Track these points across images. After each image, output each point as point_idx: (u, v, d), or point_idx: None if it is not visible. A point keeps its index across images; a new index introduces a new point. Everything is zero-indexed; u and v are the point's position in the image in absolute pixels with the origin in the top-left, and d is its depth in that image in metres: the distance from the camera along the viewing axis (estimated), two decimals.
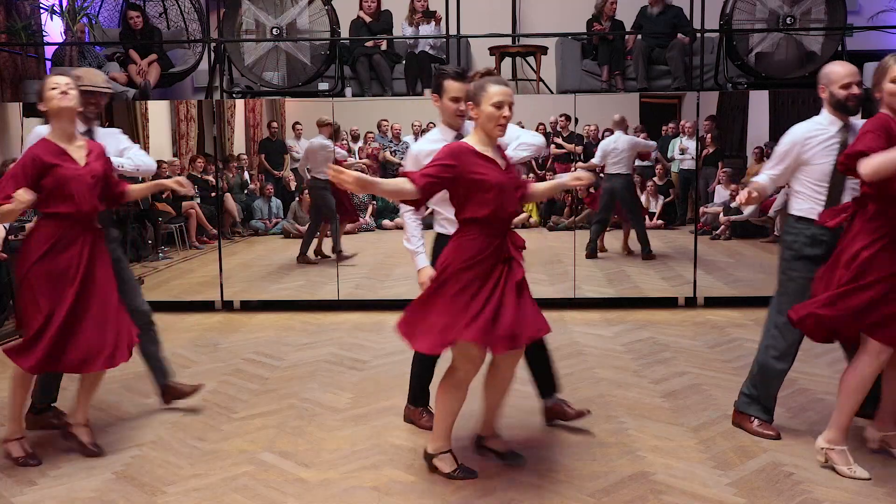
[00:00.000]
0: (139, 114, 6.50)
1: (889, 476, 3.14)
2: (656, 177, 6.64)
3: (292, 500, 3.06)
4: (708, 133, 6.28)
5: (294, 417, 3.93)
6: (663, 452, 3.42)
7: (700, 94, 6.18)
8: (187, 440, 3.65)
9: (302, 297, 6.30)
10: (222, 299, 6.32)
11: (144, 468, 3.35)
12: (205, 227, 6.62)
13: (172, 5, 7.46)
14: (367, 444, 3.58)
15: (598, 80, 6.74)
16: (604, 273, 6.33)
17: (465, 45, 7.02)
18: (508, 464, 3.29)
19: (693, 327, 5.58)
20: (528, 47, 6.82)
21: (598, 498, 3.02)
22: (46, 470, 3.34)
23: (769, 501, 2.97)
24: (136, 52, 6.73)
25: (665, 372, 4.56)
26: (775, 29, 6.31)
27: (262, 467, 3.35)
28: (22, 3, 6.70)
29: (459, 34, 6.34)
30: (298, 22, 6.50)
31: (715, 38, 6.62)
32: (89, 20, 6.87)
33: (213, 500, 3.07)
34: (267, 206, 6.72)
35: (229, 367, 4.79)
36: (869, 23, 6.92)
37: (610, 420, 3.81)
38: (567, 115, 6.40)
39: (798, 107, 6.21)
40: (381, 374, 4.61)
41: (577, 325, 5.69)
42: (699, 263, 6.21)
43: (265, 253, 6.71)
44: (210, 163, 6.48)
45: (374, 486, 3.16)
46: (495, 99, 2.96)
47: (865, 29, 6.78)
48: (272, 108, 6.74)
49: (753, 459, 3.34)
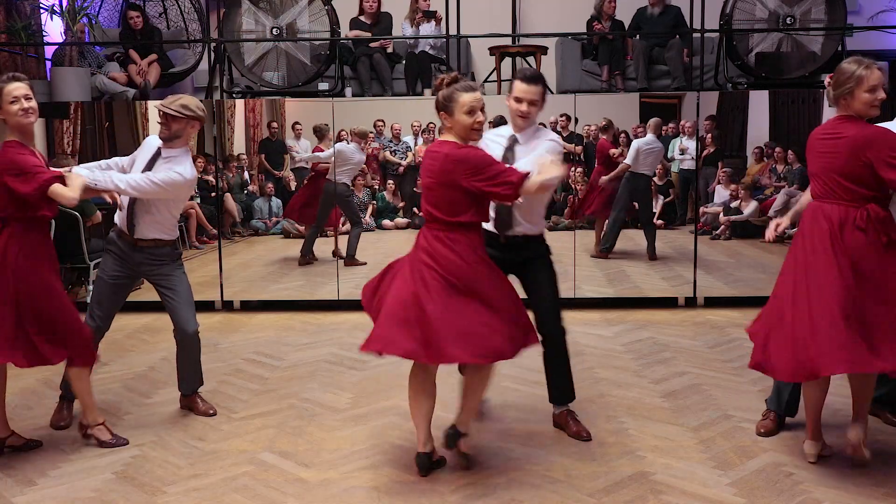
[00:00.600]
0: (139, 114, 6.50)
1: (889, 476, 3.14)
2: (656, 177, 6.64)
3: (292, 500, 3.06)
4: (708, 133, 6.28)
5: (294, 417, 3.93)
6: (663, 452, 3.43)
7: (700, 94, 6.17)
8: (187, 440, 3.66)
9: (302, 297, 6.30)
10: (222, 299, 6.32)
11: (144, 468, 3.35)
12: (205, 227, 6.62)
13: (172, 5, 7.46)
14: (367, 444, 3.58)
15: (598, 80, 6.74)
16: (604, 273, 6.33)
17: (465, 45, 7.01)
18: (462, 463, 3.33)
19: (693, 327, 5.58)
20: (528, 47, 6.82)
21: (598, 498, 3.02)
22: (46, 470, 3.34)
23: (769, 501, 2.97)
24: (136, 52, 6.73)
25: (665, 372, 4.56)
26: (775, 29, 6.31)
27: (262, 467, 3.35)
28: (22, 3, 6.70)
29: (459, 34, 6.34)
30: (298, 22, 6.50)
31: (715, 38, 6.61)
32: (89, 20, 6.87)
33: (213, 500, 3.07)
34: (267, 205, 6.72)
35: (229, 367, 4.79)
36: (869, 23, 6.91)
37: (610, 420, 3.81)
38: (567, 115, 6.40)
39: (798, 107, 6.22)
40: (381, 374, 4.61)
41: (577, 325, 5.69)
42: (699, 263, 6.21)
43: (265, 253, 6.71)
44: (210, 163, 6.48)
45: (374, 486, 3.16)
46: (467, 107, 3.02)
47: (865, 29, 6.78)
48: (272, 108, 6.73)
49: (753, 459, 3.34)
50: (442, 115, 3.11)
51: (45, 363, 3.36)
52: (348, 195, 6.41)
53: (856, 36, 6.63)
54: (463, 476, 3.23)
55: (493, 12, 7.30)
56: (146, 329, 5.75)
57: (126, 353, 5.13)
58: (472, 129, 3.06)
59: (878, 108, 3.10)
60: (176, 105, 3.67)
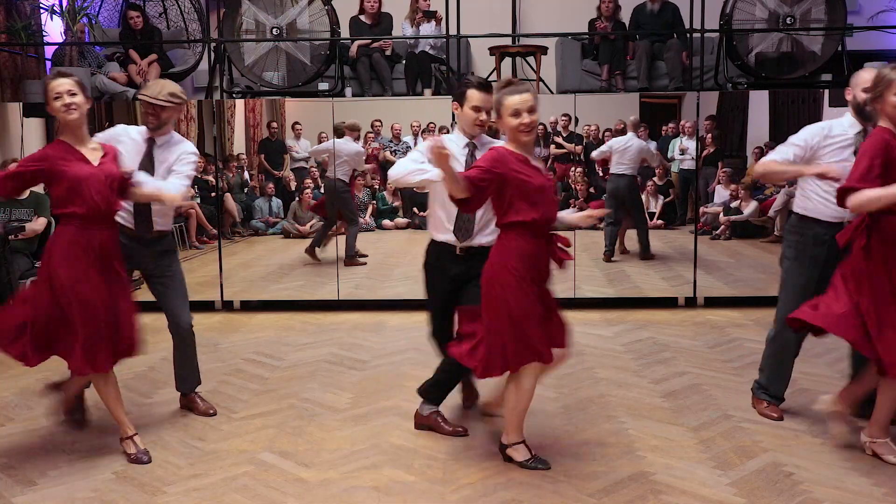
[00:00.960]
0: (139, 114, 6.50)
1: (888, 476, 3.14)
2: (656, 177, 6.64)
3: (292, 500, 3.06)
4: (708, 133, 6.28)
5: (294, 417, 3.93)
6: (663, 452, 3.43)
7: (700, 94, 6.17)
8: (187, 440, 3.66)
9: (302, 297, 6.30)
10: (222, 299, 6.32)
11: (144, 468, 3.35)
12: (205, 227, 6.62)
13: (172, 5, 7.45)
14: (367, 444, 3.58)
15: (598, 80, 6.74)
16: (604, 273, 6.33)
17: (465, 45, 7.01)
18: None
19: (693, 327, 5.58)
20: (528, 47, 6.82)
21: (598, 498, 3.02)
22: (46, 470, 3.34)
23: (769, 501, 2.97)
24: (136, 52, 6.72)
25: (665, 372, 4.56)
26: (775, 29, 6.31)
27: (262, 467, 3.35)
28: (22, 3, 6.70)
29: (459, 34, 6.34)
30: (298, 22, 6.50)
31: (715, 38, 6.62)
32: (89, 20, 6.87)
33: (213, 500, 3.07)
34: (267, 205, 6.72)
35: (229, 367, 4.79)
36: (869, 23, 6.92)
37: (610, 420, 3.81)
38: (567, 115, 6.40)
39: (798, 107, 6.22)
40: (381, 374, 4.61)
41: (577, 325, 5.67)
42: (699, 263, 6.21)
43: (265, 253, 6.71)
44: (210, 163, 6.48)
45: (374, 486, 3.16)
46: (512, 108, 3.08)
47: (865, 29, 6.78)
48: (272, 108, 6.73)
49: (753, 459, 3.34)
50: (496, 119, 3.19)
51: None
52: (344, 191, 6.41)
53: (856, 36, 6.63)
54: (463, 476, 3.23)
55: (493, 12, 7.30)
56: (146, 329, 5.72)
57: None
58: (518, 131, 3.11)
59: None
60: (164, 94, 3.68)
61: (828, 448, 3.41)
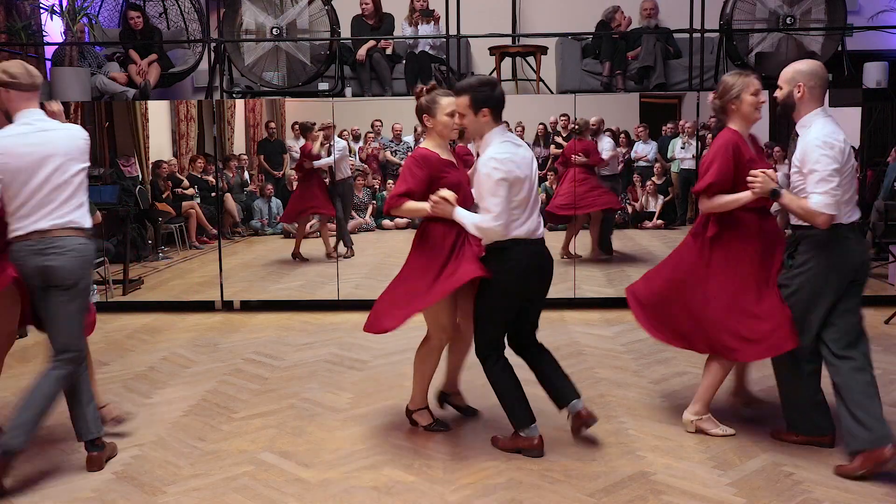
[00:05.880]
0: (139, 114, 6.51)
1: (889, 476, 3.14)
2: (655, 176, 6.64)
3: (292, 500, 3.06)
4: (708, 133, 6.27)
5: (294, 417, 3.93)
6: (663, 452, 3.43)
7: (700, 94, 6.18)
8: (187, 440, 3.66)
9: (302, 297, 6.31)
10: (222, 299, 6.32)
11: (144, 468, 3.35)
12: (205, 227, 6.63)
13: (172, 5, 7.46)
14: (367, 444, 3.58)
15: (598, 80, 6.74)
16: (603, 273, 6.33)
17: (465, 45, 7.01)
18: (466, 417, 3.83)
19: None
20: (528, 47, 6.82)
21: (598, 498, 3.02)
22: (46, 470, 3.34)
23: (769, 501, 2.97)
24: (136, 52, 6.73)
25: (665, 372, 4.56)
26: (775, 29, 6.31)
27: (262, 467, 3.35)
28: (22, 3, 6.69)
29: (459, 34, 6.34)
30: (298, 22, 6.50)
31: (715, 38, 6.62)
32: (89, 20, 6.87)
33: (213, 500, 3.07)
34: (267, 205, 6.73)
35: (229, 367, 4.79)
36: (869, 23, 6.91)
37: (610, 420, 3.81)
38: (567, 115, 6.40)
39: None
40: (381, 374, 4.61)
41: (577, 325, 5.70)
42: None
43: (265, 253, 6.71)
44: (210, 163, 6.48)
45: (374, 486, 3.16)
46: (448, 108, 3.37)
47: (865, 29, 6.78)
48: (272, 108, 6.74)
49: (753, 459, 3.34)
50: (424, 118, 3.44)
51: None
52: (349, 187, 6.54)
53: (856, 36, 6.63)
54: (463, 476, 3.23)
55: (493, 12, 7.30)
56: (146, 329, 5.75)
57: (126, 353, 5.14)
58: (451, 129, 3.41)
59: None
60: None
61: (828, 448, 3.41)
